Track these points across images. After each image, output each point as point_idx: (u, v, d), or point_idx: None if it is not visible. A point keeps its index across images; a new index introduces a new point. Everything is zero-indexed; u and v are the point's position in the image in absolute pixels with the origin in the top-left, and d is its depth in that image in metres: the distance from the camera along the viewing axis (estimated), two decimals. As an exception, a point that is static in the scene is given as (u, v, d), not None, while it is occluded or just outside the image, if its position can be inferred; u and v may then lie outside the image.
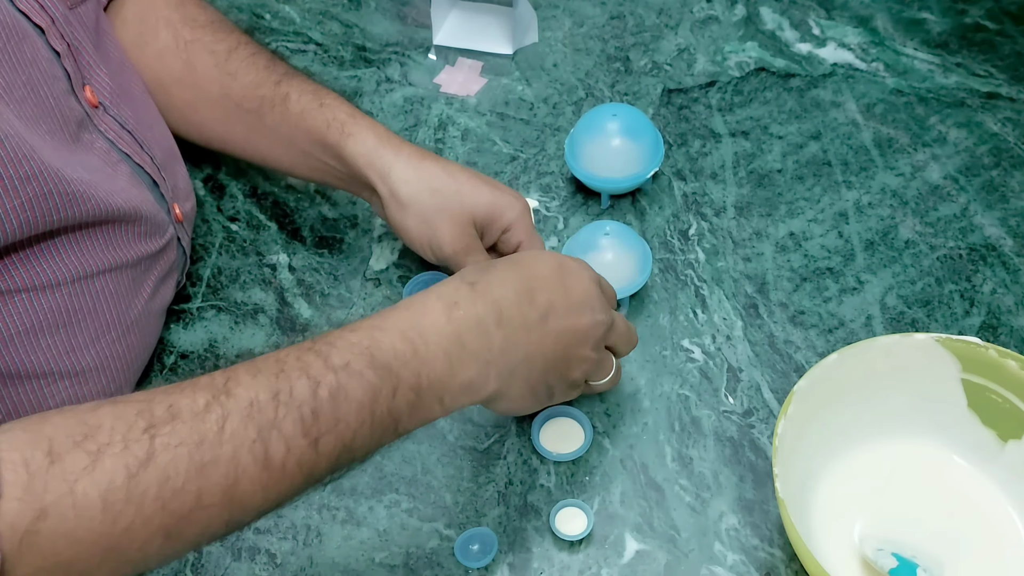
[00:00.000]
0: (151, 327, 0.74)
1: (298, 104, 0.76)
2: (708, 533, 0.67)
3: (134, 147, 0.72)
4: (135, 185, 0.70)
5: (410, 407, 0.54)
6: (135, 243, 0.70)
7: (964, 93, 0.94)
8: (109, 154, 0.69)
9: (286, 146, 0.78)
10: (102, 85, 0.71)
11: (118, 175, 0.69)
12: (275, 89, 0.77)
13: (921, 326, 0.77)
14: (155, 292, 0.74)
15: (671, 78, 0.97)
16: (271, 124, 0.77)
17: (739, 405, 0.73)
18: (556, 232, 0.85)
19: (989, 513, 0.67)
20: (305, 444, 0.50)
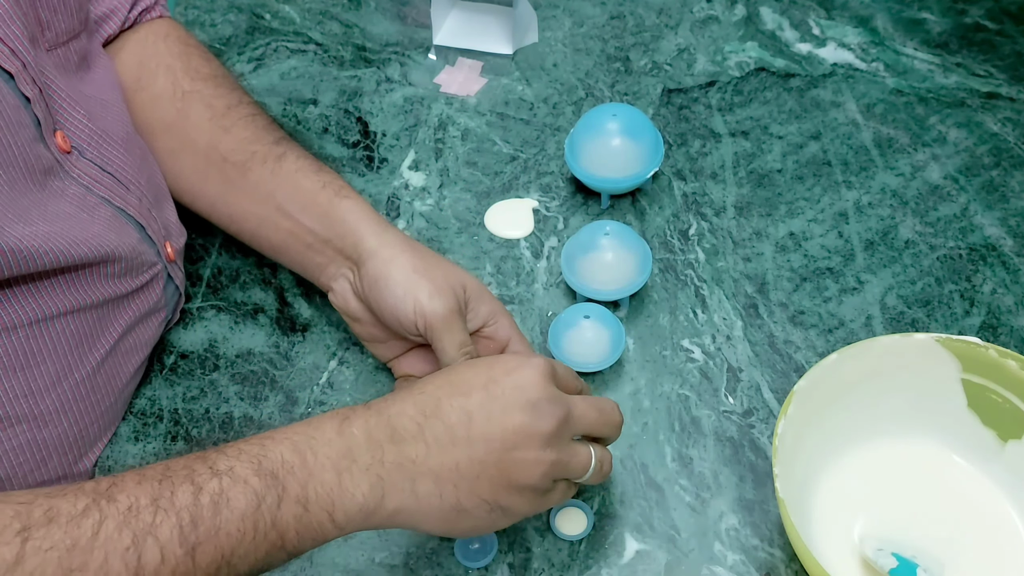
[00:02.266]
0: (122, 367, 0.72)
1: (295, 164, 0.74)
2: (708, 533, 0.67)
3: (116, 190, 0.70)
4: (115, 228, 0.69)
5: (297, 521, 0.52)
6: (103, 284, 0.68)
7: (964, 93, 0.94)
8: (85, 199, 0.67)
9: (261, 203, 0.74)
10: (77, 129, 0.69)
11: (95, 219, 0.67)
12: (271, 148, 0.75)
13: (921, 326, 0.77)
14: (128, 331, 0.71)
15: (671, 78, 0.97)
16: (254, 179, 0.74)
17: (739, 405, 0.73)
18: (556, 232, 0.85)
19: (989, 513, 0.67)
20: (181, 553, 0.48)
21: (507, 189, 0.88)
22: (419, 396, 0.56)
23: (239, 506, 0.50)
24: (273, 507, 0.51)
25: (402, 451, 0.54)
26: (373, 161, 0.91)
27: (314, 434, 0.54)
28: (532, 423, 0.56)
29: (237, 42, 1.02)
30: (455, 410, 0.55)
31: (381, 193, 0.89)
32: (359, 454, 0.54)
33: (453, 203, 0.88)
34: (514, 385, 0.56)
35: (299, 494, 0.52)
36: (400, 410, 0.56)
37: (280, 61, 1.00)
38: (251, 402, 0.76)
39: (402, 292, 0.67)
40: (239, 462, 0.51)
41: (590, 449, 0.60)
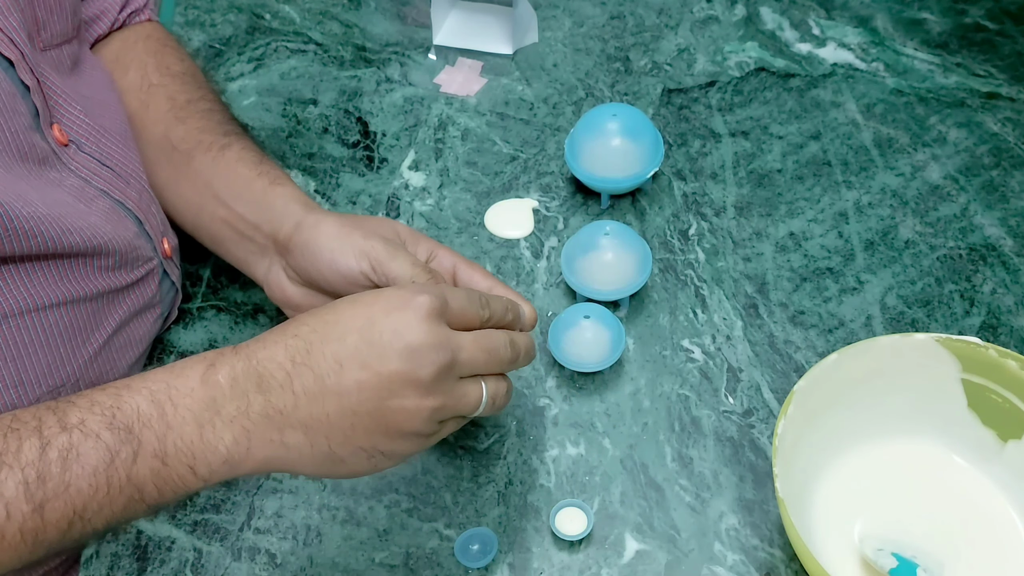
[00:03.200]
0: (116, 362, 0.71)
1: (237, 154, 0.73)
2: (708, 533, 0.67)
3: (115, 183, 0.70)
4: (112, 220, 0.69)
5: (155, 475, 0.50)
6: (97, 276, 0.68)
7: (964, 93, 0.94)
8: (83, 190, 0.68)
9: (200, 191, 0.73)
10: (75, 123, 0.69)
11: (93, 211, 0.67)
12: (218, 137, 0.74)
13: (921, 326, 0.77)
14: (123, 326, 0.71)
15: (671, 78, 0.97)
16: (196, 167, 0.73)
17: (739, 405, 0.73)
18: (556, 232, 0.85)
19: (989, 513, 0.67)
20: (28, 510, 0.47)
21: (507, 189, 0.88)
22: (291, 340, 0.53)
23: (90, 462, 0.48)
24: (128, 462, 0.49)
25: (269, 401, 0.51)
26: (373, 161, 0.91)
27: (175, 382, 0.51)
28: (409, 371, 0.52)
29: (237, 42, 1.02)
30: (326, 358, 0.52)
31: (381, 193, 0.89)
32: (223, 404, 0.51)
33: (453, 203, 0.88)
34: (392, 329, 0.52)
35: (156, 448, 0.50)
36: (270, 355, 0.52)
37: (280, 61, 1.00)
38: (251, 402, 0.75)
39: (337, 244, 0.65)
40: (91, 414, 0.49)
41: (481, 386, 0.57)
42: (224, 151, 0.74)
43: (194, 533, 0.69)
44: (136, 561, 0.68)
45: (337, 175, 0.90)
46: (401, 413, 0.53)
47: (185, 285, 0.82)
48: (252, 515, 0.69)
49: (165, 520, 0.69)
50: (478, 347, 0.56)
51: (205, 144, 0.74)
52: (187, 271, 0.83)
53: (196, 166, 0.74)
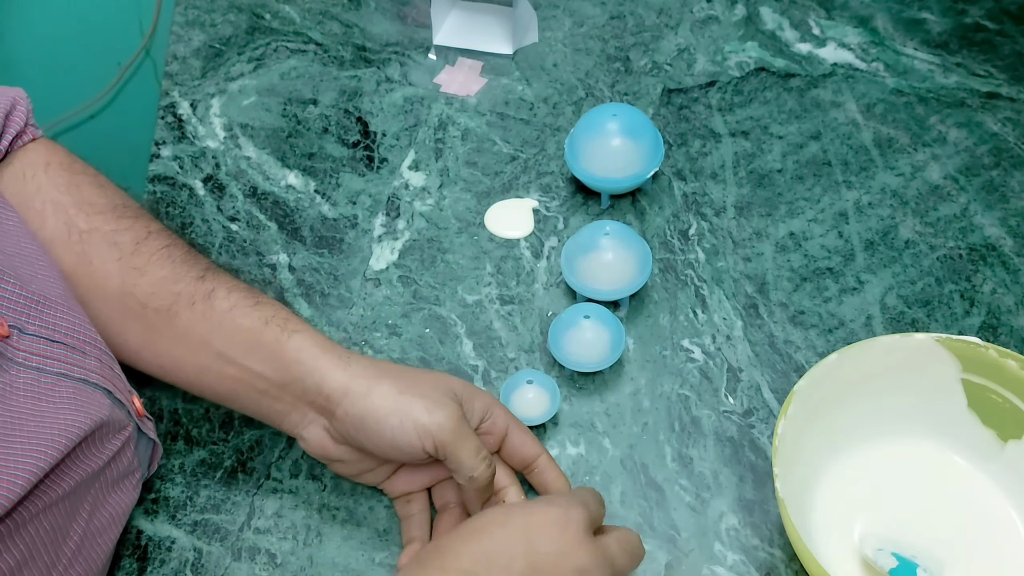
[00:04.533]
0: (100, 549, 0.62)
1: (227, 300, 0.65)
2: (708, 533, 0.67)
3: (72, 358, 0.60)
4: (80, 404, 0.59)
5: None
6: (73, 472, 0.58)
7: (964, 93, 0.94)
8: (38, 384, 0.57)
9: (197, 351, 0.65)
10: (11, 303, 0.59)
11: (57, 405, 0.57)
12: (196, 285, 0.65)
13: (921, 326, 0.77)
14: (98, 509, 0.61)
15: (671, 78, 0.97)
16: (183, 326, 0.65)
17: (739, 405, 0.73)
18: (556, 232, 0.85)
19: (989, 513, 0.67)
20: None
21: (507, 189, 0.88)
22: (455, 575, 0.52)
23: None
24: None
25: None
26: (373, 161, 0.91)
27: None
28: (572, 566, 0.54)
29: (237, 42, 1.02)
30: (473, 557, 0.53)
31: (381, 193, 0.89)
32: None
33: (453, 203, 0.88)
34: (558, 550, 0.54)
35: None
36: None
37: (280, 61, 1.00)
38: (251, 402, 0.75)
39: (397, 421, 0.61)
40: None
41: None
42: (211, 300, 0.65)
43: (194, 533, 0.69)
44: (136, 561, 0.68)
45: (337, 175, 0.90)
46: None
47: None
48: (252, 515, 0.69)
49: (165, 520, 0.69)
50: (625, 554, 0.58)
51: (186, 297, 0.65)
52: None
53: (183, 324, 0.65)
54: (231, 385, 0.65)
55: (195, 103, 0.97)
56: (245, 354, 0.64)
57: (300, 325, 0.65)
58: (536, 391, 0.71)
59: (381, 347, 0.78)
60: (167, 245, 0.68)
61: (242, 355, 0.64)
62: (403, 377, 0.63)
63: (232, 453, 0.73)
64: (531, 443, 0.67)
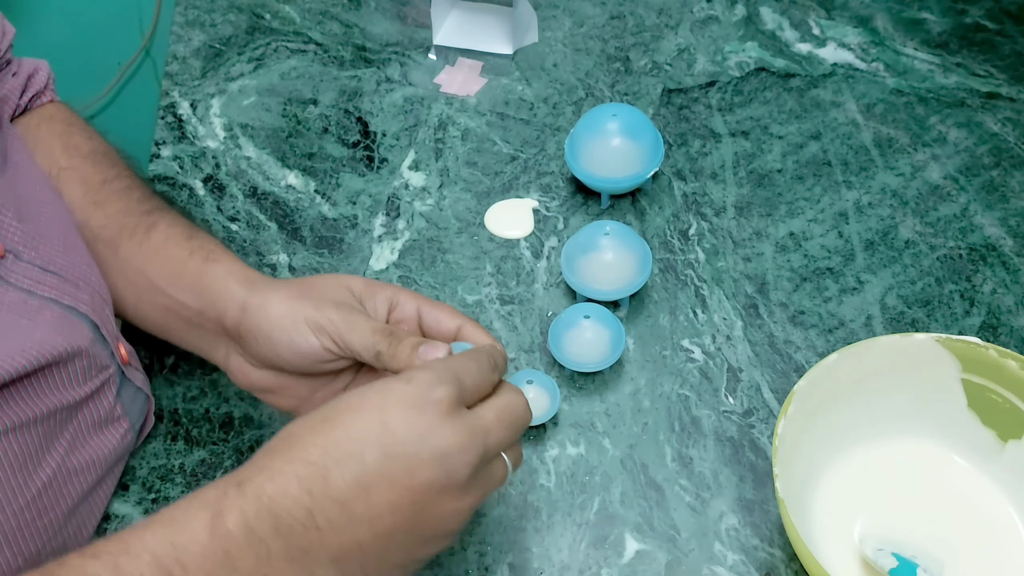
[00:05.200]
0: (75, 487, 0.63)
1: (164, 233, 0.68)
2: (708, 533, 0.67)
3: (64, 288, 0.64)
4: (63, 329, 0.62)
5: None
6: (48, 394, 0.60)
7: (964, 93, 0.94)
8: (26, 303, 0.61)
9: (133, 281, 0.68)
10: (8, 232, 0.63)
11: (38, 324, 0.60)
12: (142, 218, 0.69)
13: (921, 326, 0.77)
14: (77, 447, 0.63)
15: (671, 78, 0.97)
16: (124, 254, 0.68)
17: (739, 405, 0.74)
18: (556, 232, 0.85)
19: (989, 513, 0.67)
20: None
21: (507, 189, 0.88)
22: (303, 468, 0.47)
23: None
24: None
25: (291, 543, 0.46)
26: (373, 161, 0.91)
27: (179, 540, 0.45)
28: (444, 477, 0.48)
29: (237, 42, 1.02)
30: (348, 483, 0.46)
31: (381, 193, 0.89)
32: (240, 558, 0.45)
33: (453, 203, 0.88)
34: (416, 435, 0.47)
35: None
36: (281, 490, 0.46)
37: (280, 61, 1.00)
38: (251, 402, 0.75)
39: (290, 323, 0.60)
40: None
41: (505, 462, 0.52)
42: (150, 232, 0.68)
43: (194, 533, 0.69)
44: (136, 561, 0.68)
45: (337, 175, 0.90)
46: (439, 520, 0.49)
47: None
48: (252, 515, 0.69)
49: (165, 520, 0.69)
50: (503, 425, 0.51)
51: (129, 228, 0.68)
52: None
53: (124, 254, 0.68)
54: (163, 315, 0.67)
55: (195, 103, 0.97)
56: (171, 283, 0.66)
57: (223, 256, 0.66)
58: (536, 391, 0.71)
59: (381, 347, 0.78)
60: (129, 186, 0.72)
61: (169, 284, 0.66)
62: (297, 284, 0.62)
63: (232, 453, 0.73)
64: (447, 317, 0.61)
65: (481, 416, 0.51)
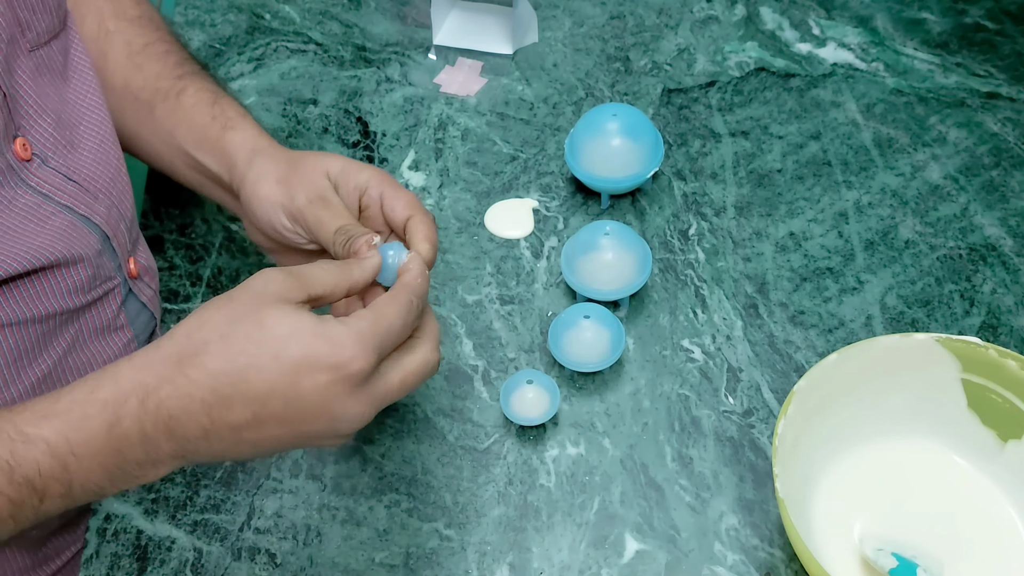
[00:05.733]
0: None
1: (192, 98, 0.72)
2: (708, 533, 0.67)
3: (81, 198, 0.67)
4: (69, 236, 0.65)
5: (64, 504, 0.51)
6: (47, 298, 0.64)
7: (964, 93, 0.94)
8: (39, 208, 0.63)
9: (166, 142, 0.73)
10: (41, 136, 0.65)
11: (45, 229, 0.63)
12: (174, 82, 0.73)
13: (921, 326, 0.77)
14: (77, 348, 0.67)
15: (671, 78, 0.97)
16: (159, 116, 0.73)
17: (739, 405, 0.73)
18: (556, 232, 0.85)
19: (989, 513, 0.67)
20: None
21: (507, 189, 0.88)
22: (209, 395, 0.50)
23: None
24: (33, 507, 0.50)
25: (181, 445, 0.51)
26: (373, 161, 0.91)
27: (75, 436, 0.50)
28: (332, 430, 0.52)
29: (237, 42, 1.02)
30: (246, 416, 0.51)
31: (381, 193, 0.89)
32: (131, 452, 0.50)
33: (453, 203, 0.88)
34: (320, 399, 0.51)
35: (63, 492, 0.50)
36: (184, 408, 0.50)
37: (280, 61, 1.00)
38: (251, 402, 0.75)
39: (269, 207, 0.65)
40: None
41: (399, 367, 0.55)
42: (180, 96, 0.72)
43: (194, 533, 0.69)
44: (136, 561, 0.68)
45: (337, 175, 0.90)
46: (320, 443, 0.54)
47: (184, 286, 0.82)
48: (252, 515, 0.69)
49: (165, 520, 0.69)
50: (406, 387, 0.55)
51: (163, 92, 0.73)
52: (187, 271, 0.83)
53: (158, 115, 0.73)
54: (192, 174, 0.73)
55: (195, 103, 0.97)
56: (196, 147, 0.71)
57: (239, 123, 0.70)
58: (536, 391, 0.71)
59: (381, 347, 0.78)
60: (167, 50, 0.76)
61: (194, 148, 0.71)
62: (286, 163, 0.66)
63: (232, 453, 0.73)
64: (400, 207, 0.63)
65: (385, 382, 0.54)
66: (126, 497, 0.71)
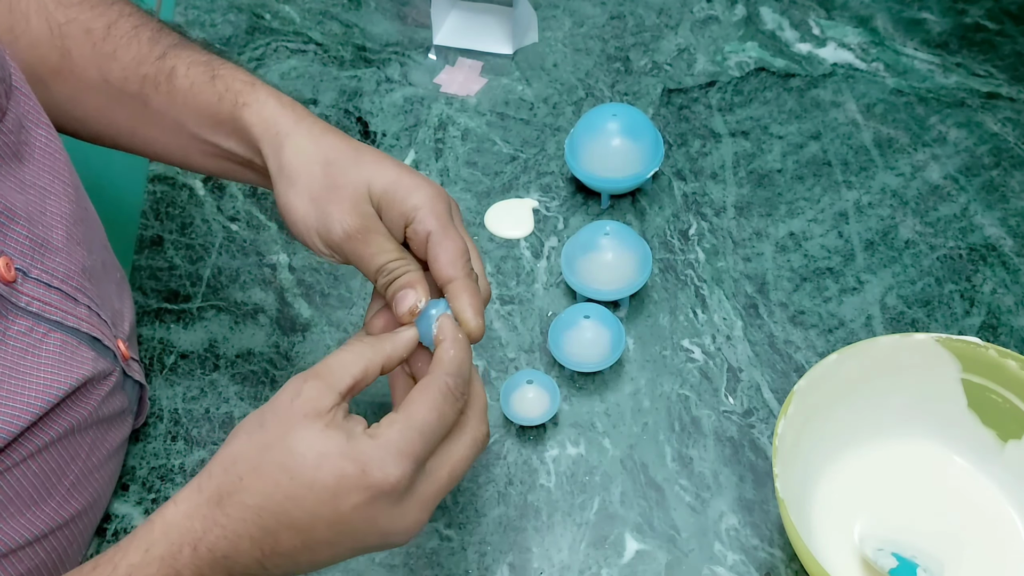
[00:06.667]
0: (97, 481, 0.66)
1: (186, 78, 0.64)
2: (708, 533, 0.67)
3: (65, 305, 0.61)
4: (64, 359, 0.60)
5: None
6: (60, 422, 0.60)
7: (964, 93, 0.94)
8: (32, 333, 0.59)
9: (175, 132, 0.66)
10: (19, 245, 0.59)
11: (41, 358, 0.59)
12: (159, 64, 0.65)
13: (921, 326, 0.77)
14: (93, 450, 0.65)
15: (671, 78, 0.97)
16: (157, 107, 0.65)
17: (739, 405, 0.73)
18: (556, 232, 0.85)
19: (989, 513, 0.67)
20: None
21: (507, 189, 0.88)
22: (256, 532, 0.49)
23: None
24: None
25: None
26: (373, 161, 0.91)
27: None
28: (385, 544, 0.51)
29: (237, 42, 1.02)
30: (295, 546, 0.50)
31: (381, 193, 0.89)
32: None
33: (453, 203, 0.88)
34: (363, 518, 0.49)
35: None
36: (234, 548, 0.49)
37: (280, 61, 1.00)
38: (251, 402, 0.76)
39: (303, 228, 0.60)
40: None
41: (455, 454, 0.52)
42: (172, 79, 0.65)
43: (194, 533, 0.69)
44: (136, 561, 0.68)
45: (337, 175, 0.90)
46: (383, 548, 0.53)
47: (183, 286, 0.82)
48: (252, 515, 0.69)
49: (165, 520, 0.69)
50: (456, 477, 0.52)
51: (151, 79, 0.65)
52: (187, 271, 0.83)
53: (154, 106, 0.65)
54: (216, 161, 0.66)
55: (195, 103, 0.97)
56: (212, 132, 0.64)
57: (251, 95, 0.63)
58: (536, 391, 0.71)
59: (381, 347, 0.78)
60: (136, 26, 0.67)
61: (210, 133, 0.64)
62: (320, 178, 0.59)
63: (232, 453, 0.73)
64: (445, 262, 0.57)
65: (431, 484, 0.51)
66: (126, 497, 0.71)
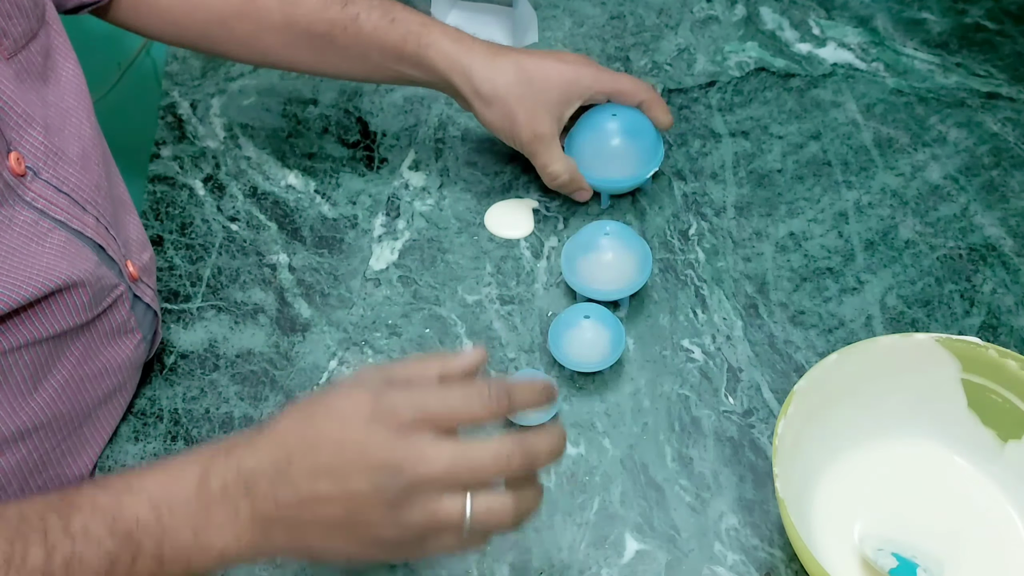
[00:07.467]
0: (92, 392, 0.70)
1: (368, 22, 0.79)
2: (708, 533, 0.67)
3: (72, 210, 0.66)
4: (68, 255, 0.65)
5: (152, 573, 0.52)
6: (56, 317, 0.65)
7: (964, 93, 0.94)
8: (37, 225, 0.63)
9: (360, 62, 0.81)
10: (33, 147, 0.65)
11: (46, 248, 0.64)
12: (343, 11, 0.79)
13: (921, 326, 0.77)
14: (92, 356, 0.69)
15: (671, 78, 0.97)
16: (343, 45, 0.80)
17: (739, 405, 0.73)
18: (556, 232, 0.85)
19: (989, 513, 0.67)
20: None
21: (507, 189, 0.88)
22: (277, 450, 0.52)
23: (92, 566, 0.50)
24: (127, 564, 0.51)
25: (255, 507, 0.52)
26: (373, 161, 0.91)
27: (173, 488, 0.52)
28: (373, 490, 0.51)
29: (237, 42, 1.02)
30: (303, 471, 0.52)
31: (381, 193, 0.89)
32: (215, 511, 0.52)
33: (453, 203, 0.88)
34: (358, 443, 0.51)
35: (154, 551, 0.51)
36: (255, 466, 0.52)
37: (280, 61, 1.00)
38: (251, 402, 0.76)
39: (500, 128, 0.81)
40: (93, 520, 0.51)
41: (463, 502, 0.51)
42: (357, 24, 0.79)
43: (194, 533, 0.69)
44: (136, 561, 0.68)
45: (337, 175, 0.90)
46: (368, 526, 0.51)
47: (184, 286, 0.82)
48: (252, 515, 0.69)
49: (165, 520, 0.69)
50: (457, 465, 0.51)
51: (339, 24, 0.79)
52: (187, 271, 0.83)
53: (343, 45, 0.80)
54: (398, 81, 0.83)
55: (195, 103, 0.97)
56: (397, 63, 0.80)
57: (430, 37, 0.79)
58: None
59: (381, 347, 0.78)
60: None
61: (395, 64, 0.80)
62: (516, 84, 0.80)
63: (232, 453, 0.73)
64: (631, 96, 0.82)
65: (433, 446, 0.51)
66: (126, 497, 0.71)
